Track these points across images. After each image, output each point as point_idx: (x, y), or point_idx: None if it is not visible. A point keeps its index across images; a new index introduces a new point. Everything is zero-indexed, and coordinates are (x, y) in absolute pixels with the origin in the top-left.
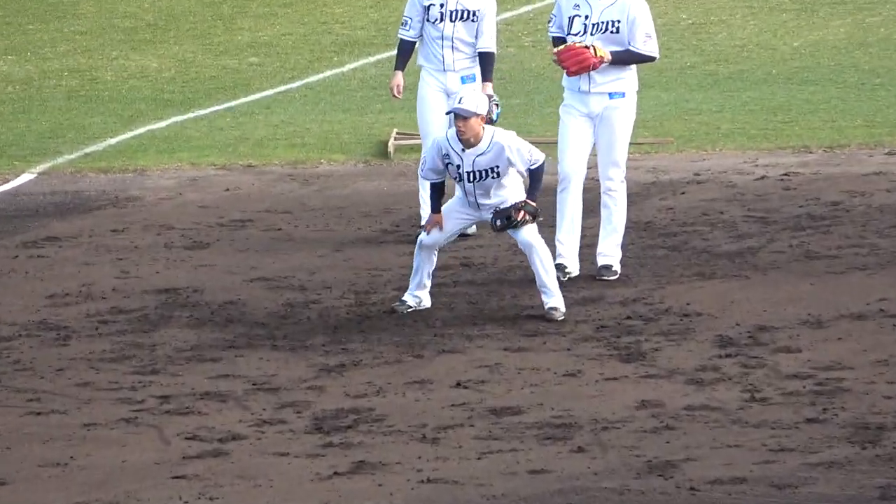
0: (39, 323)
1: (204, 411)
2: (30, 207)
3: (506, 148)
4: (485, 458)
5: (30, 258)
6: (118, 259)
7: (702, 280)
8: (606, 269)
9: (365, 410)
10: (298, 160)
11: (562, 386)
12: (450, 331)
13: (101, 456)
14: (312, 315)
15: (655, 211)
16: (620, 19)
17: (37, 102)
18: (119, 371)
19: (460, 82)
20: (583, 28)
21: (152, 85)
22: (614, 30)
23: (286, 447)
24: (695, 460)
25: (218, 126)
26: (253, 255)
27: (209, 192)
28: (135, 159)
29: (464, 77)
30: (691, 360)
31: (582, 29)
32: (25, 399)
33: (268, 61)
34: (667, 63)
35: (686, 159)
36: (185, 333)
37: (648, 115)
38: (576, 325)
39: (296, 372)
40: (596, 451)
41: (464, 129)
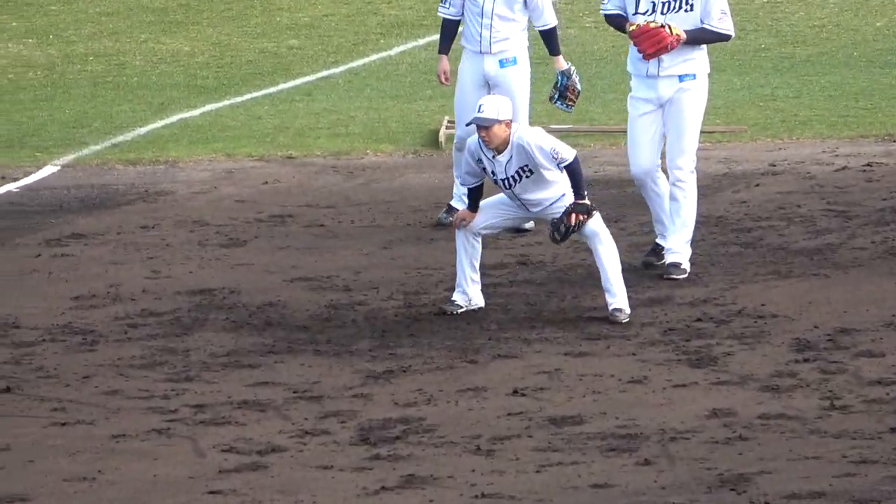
0: (64, 327)
1: (241, 421)
2: (53, 202)
3: (526, 146)
4: (544, 472)
5: (53, 257)
6: (148, 258)
7: (777, 279)
8: (675, 267)
9: (414, 420)
10: (342, 151)
11: (626, 393)
12: (506, 334)
13: (131, 470)
14: (358, 318)
15: (728, 204)
16: None
17: (60, 89)
18: (150, 378)
19: (499, 66)
20: (651, 6)
21: (184, 70)
22: (688, 7)
23: (330, 460)
24: (770, 473)
25: (255, 114)
26: (293, 253)
27: (246, 185)
28: (166, 150)
29: (502, 60)
30: (766, 365)
31: (650, 7)
32: (50, 409)
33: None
34: (740, 45)
35: (761, 149)
36: (220, 338)
37: (720, 102)
38: (642, 327)
39: (340, 379)
40: (663, 463)
41: (487, 138)
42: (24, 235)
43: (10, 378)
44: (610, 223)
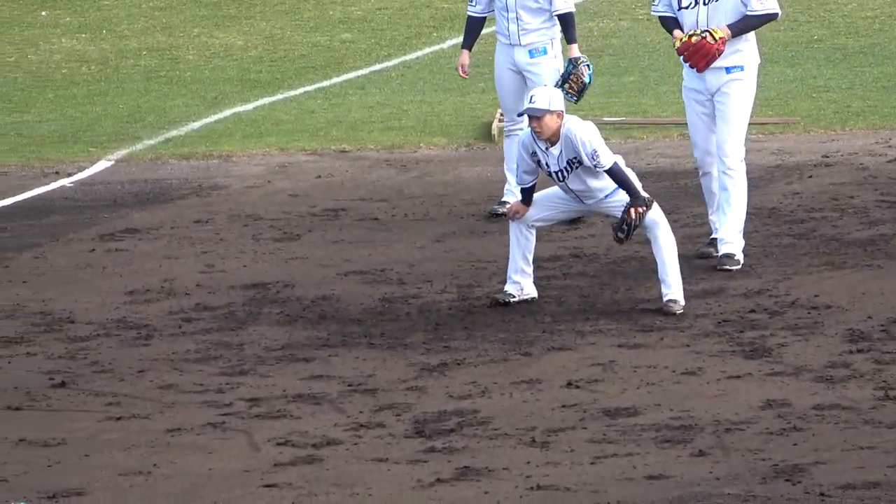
0: (118, 321)
1: (296, 415)
2: (107, 197)
3: (573, 138)
4: (598, 463)
5: (107, 252)
6: (202, 252)
7: (831, 270)
8: (728, 258)
9: (469, 412)
10: (395, 144)
11: (681, 385)
12: (560, 326)
13: (186, 464)
14: (412, 311)
15: (781, 196)
16: None
17: (113, 84)
18: (205, 372)
19: (528, 56)
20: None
21: (238, 64)
22: None
23: (385, 452)
24: (824, 463)
25: (308, 108)
26: (347, 246)
27: (299, 179)
28: (219, 145)
29: (532, 51)
30: (820, 356)
31: (693, 1)
32: (104, 403)
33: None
34: (792, 37)
35: (813, 140)
36: (275, 331)
37: (773, 93)
38: (696, 319)
39: (394, 372)
40: (718, 454)
41: (539, 129)
42: (79, 230)
43: (65, 373)
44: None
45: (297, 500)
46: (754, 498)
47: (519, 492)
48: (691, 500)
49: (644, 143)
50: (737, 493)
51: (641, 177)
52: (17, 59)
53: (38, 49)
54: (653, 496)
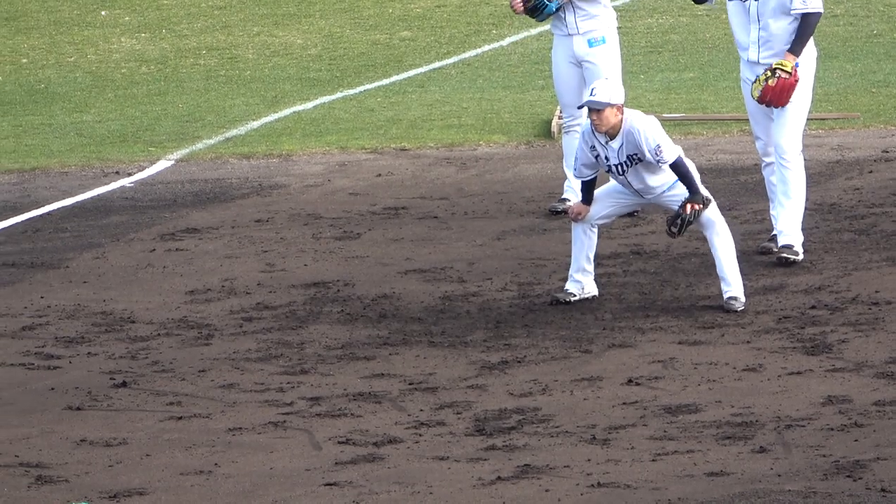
0: (179, 321)
1: (357, 413)
2: (167, 197)
3: (636, 133)
4: (659, 460)
5: (168, 252)
6: (263, 251)
7: (892, 266)
8: (787, 248)
9: (530, 410)
10: (455, 142)
11: (741, 381)
12: (620, 324)
13: (248, 463)
14: (472, 309)
15: (841, 192)
16: None
17: (173, 84)
18: (266, 371)
19: (588, 46)
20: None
21: (297, 63)
22: None
23: (446, 451)
24: (886, 460)
25: (368, 106)
26: (407, 244)
27: (359, 177)
28: (279, 144)
29: (591, 40)
30: (881, 352)
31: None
32: (166, 403)
33: (421, 35)
34: (852, 31)
35: (873, 135)
36: (335, 330)
37: (832, 89)
38: (756, 315)
39: (455, 370)
40: (779, 451)
41: (598, 121)
42: (139, 230)
43: (126, 373)
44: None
45: (359, 498)
46: (815, 494)
47: (580, 489)
48: (752, 496)
49: (704, 140)
50: (798, 490)
51: (702, 173)
52: (77, 59)
53: (97, 49)
54: (714, 493)
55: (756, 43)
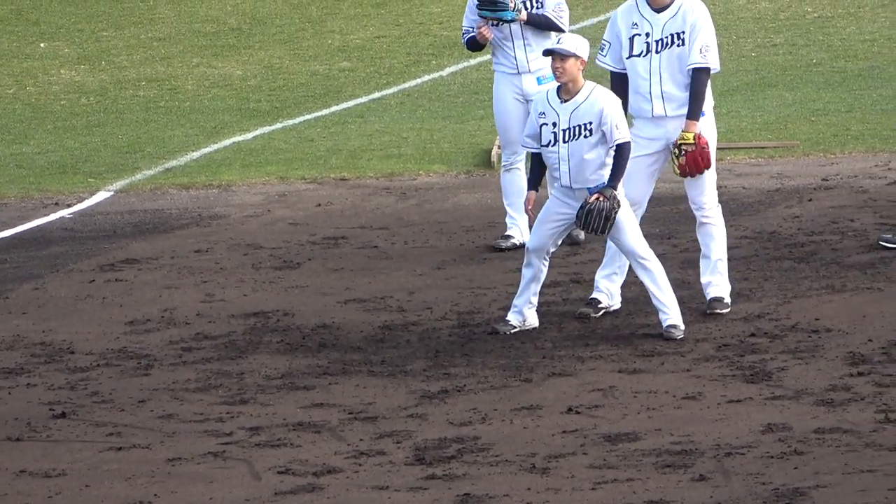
0: (119, 351)
1: (297, 443)
2: (106, 228)
3: (601, 103)
4: (599, 489)
5: (107, 282)
6: (202, 281)
7: (831, 293)
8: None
9: (470, 439)
10: (395, 172)
11: (681, 410)
12: (560, 352)
13: (187, 493)
14: (412, 338)
15: (781, 220)
16: (684, 30)
17: (113, 115)
18: (205, 401)
19: (537, 84)
20: (645, 47)
21: (237, 94)
22: (679, 42)
23: (386, 480)
24: (825, 487)
25: (308, 137)
26: (347, 274)
27: (299, 207)
28: (219, 174)
29: (540, 78)
30: (821, 379)
31: (644, 48)
32: (105, 433)
33: (360, 66)
34: (791, 60)
35: (813, 164)
36: (275, 360)
37: (772, 117)
38: (696, 343)
39: (395, 399)
40: (719, 479)
41: (561, 69)
42: (79, 261)
43: (65, 403)
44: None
45: None
46: None
47: None
48: None
49: None
50: None
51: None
52: (17, 91)
53: (36, 80)
54: None
55: (660, 98)
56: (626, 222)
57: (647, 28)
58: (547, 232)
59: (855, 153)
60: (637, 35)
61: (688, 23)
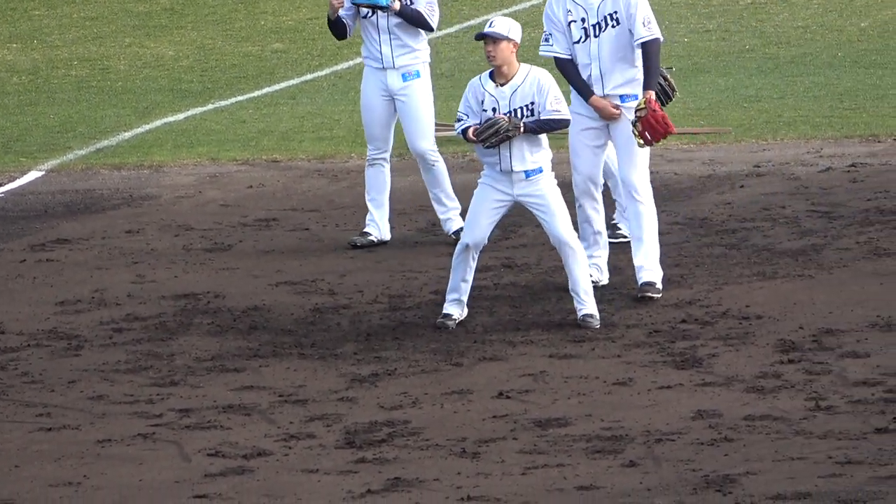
0: (49, 332)
1: (227, 425)
2: (37, 207)
3: (541, 82)
4: (529, 474)
5: (38, 262)
6: (133, 262)
7: (762, 280)
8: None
9: (400, 423)
10: (327, 154)
11: (612, 395)
12: (491, 337)
13: (117, 474)
14: (343, 321)
15: (712, 206)
16: (617, 9)
17: (44, 94)
18: (135, 383)
19: (402, 80)
20: (583, 33)
21: (169, 74)
22: (614, 23)
23: (315, 463)
24: (755, 474)
25: (240, 118)
26: (278, 257)
27: (231, 189)
28: (150, 155)
29: (405, 74)
30: (751, 366)
31: (583, 34)
32: (35, 414)
33: (293, 48)
34: (724, 46)
35: (745, 150)
36: (205, 342)
37: (704, 103)
38: (627, 329)
39: (325, 382)
40: (649, 465)
41: (494, 53)
42: (9, 241)
43: None
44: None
45: None
46: None
47: (449, 502)
48: None
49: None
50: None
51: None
52: None
53: None
54: None
55: (599, 80)
56: (558, 210)
57: (581, 13)
58: (485, 223)
59: (787, 140)
60: (573, 21)
61: (620, 2)
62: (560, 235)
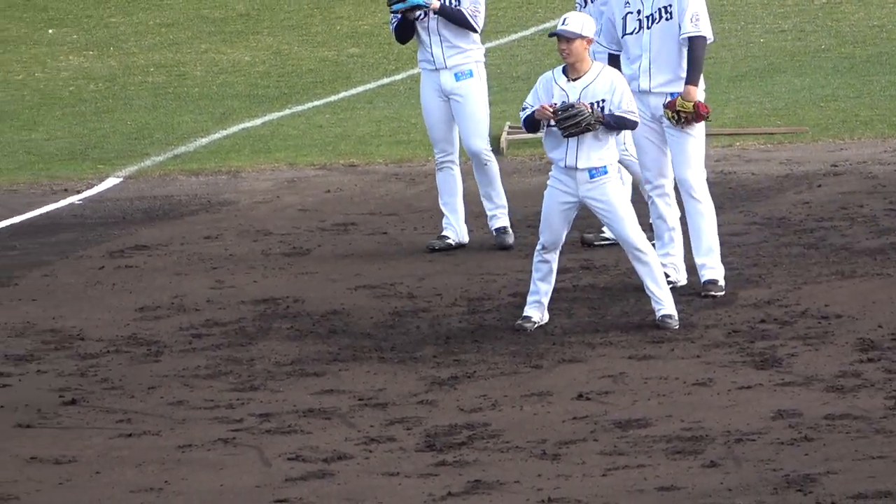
0: (129, 338)
1: (307, 430)
2: (116, 214)
3: (615, 82)
4: (610, 475)
5: (117, 269)
6: (212, 268)
7: (841, 279)
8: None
9: (480, 426)
10: (404, 158)
11: (691, 396)
12: (570, 339)
13: (198, 480)
14: (422, 324)
15: (790, 206)
16: (671, 3)
17: (121, 101)
18: (215, 388)
19: (455, 80)
20: (637, 24)
21: (245, 80)
22: (668, 16)
23: (396, 466)
24: (836, 473)
25: (317, 123)
26: (357, 261)
27: (308, 194)
28: (228, 160)
29: (458, 74)
30: (830, 365)
31: (637, 25)
32: (115, 420)
33: (369, 52)
34: (800, 46)
35: (822, 149)
36: (285, 346)
37: (781, 103)
38: (706, 330)
39: (405, 386)
40: (729, 465)
41: (568, 50)
42: (88, 247)
43: (75, 390)
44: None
45: None
46: None
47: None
48: None
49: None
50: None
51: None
52: (25, 78)
53: (45, 67)
54: None
55: (647, 72)
56: (624, 213)
57: (637, 6)
58: (557, 224)
59: (864, 139)
60: (629, 13)
61: None
62: (627, 238)
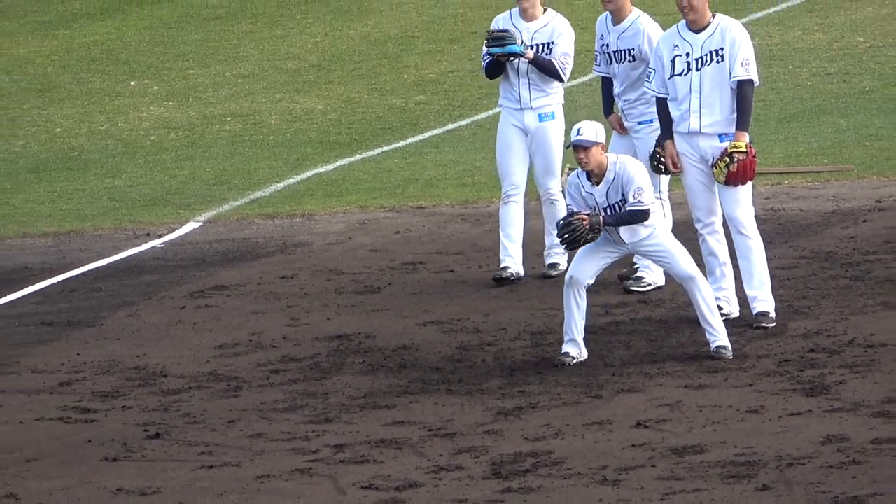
0: (209, 374)
1: (379, 459)
2: (196, 256)
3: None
4: (667, 499)
5: (197, 308)
6: (288, 306)
7: (886, 310)
8: (763, 316)
9: (543, 454)
10: (469, 200)
11: (744, 423)
12: (628, 369)
13: None
14: (488, 358)
15: (837, 240)
16: (723, 46)
17: (200, 149)
18: (292, 421)
19: (538, 120)
20: (686, 66)
21: (318, 127)
22: (719, 59)
23: (464, 494)
24: (882, 495)
25: (386, 167)
26: (425, 297)
27: (379, 234)
28: (302, 204)
29: (541, 115)
30: (877, 392)
31: (685, 67)
32: (197, 452)
33: (435, 99)
34: (845, 88)
35: (867, 186)
36: (358, 380)
37: (827, 142)
38: (757, 359)
39: (472, 416)
40: (781, 488)
41: (586, 159)
42: (170, 288)
43: (159, 424)
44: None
45: None
46: None
47: None
48: None
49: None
50: None
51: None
52: (109, 128)
53: (127, 117)
54: None
55: (698, 113)
56: (676, 251)
57: (686, 48)
58: (590, 265)
59: None
60: (678, 56)
61: (727, 39)
62: (684, 273)
